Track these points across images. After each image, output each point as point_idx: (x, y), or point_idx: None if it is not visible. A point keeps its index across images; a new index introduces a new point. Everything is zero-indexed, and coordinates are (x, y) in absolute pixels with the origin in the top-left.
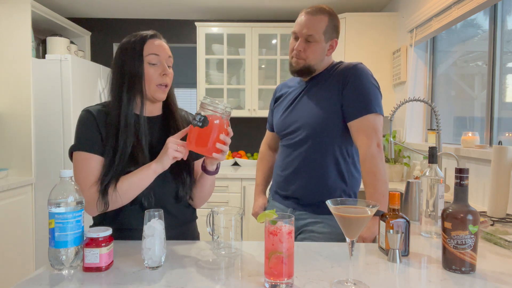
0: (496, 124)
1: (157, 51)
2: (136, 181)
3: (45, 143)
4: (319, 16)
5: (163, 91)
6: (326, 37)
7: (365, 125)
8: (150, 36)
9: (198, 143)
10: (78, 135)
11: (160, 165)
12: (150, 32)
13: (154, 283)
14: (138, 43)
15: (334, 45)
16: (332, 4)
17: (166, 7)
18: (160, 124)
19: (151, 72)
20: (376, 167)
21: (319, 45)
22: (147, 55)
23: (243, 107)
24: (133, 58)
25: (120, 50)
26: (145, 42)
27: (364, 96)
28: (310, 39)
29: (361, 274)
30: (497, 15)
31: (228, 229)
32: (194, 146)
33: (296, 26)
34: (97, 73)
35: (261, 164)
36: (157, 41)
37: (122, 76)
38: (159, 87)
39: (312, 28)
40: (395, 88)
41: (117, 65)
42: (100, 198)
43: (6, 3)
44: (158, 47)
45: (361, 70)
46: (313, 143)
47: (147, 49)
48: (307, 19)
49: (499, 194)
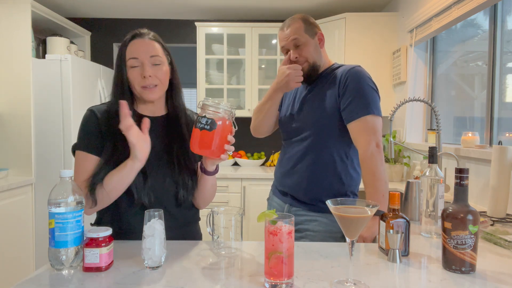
0: (496, 124)
1: (136, 54)
2: (118, 179)
3: (45, 143)
4: (293, 24)
5: (151, 91)
6: (310, 34)
7: (364, 126)
8: (130, 39)
9: (204, 145)
10: (79, 134)
11: (136, 161)
12: (133, 32)
13: (154, 283)
14: (122, 47)
15: (322, 37)
16: (332, 4)
17: (166, 7)
18: (163, 124)
19: (133, 75)
20: (375, 167)
21: (309, 43)
22: (128, 59)
23: (243, 107)
24: (118, 62)
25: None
26: (126, 46)
27: (363, 98)
28: (298, 42)
29: (361, 274)
30: (497, 15)
31: (228, 229)
32: (199, 149)
33: (281, 43)
34: (97, 73)
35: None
36: (138, 42)
37: (116, 78)
38: (144, 88)
39: (293, 34)
40: (395, 88)
41: (114, 67)
42: (89, 195)
43: (6, 3)
44: (138, 49)
45: (359, 73)
46: (311, 143)
47: (127, 53)
48: (285, 31)
49: (499, 194)
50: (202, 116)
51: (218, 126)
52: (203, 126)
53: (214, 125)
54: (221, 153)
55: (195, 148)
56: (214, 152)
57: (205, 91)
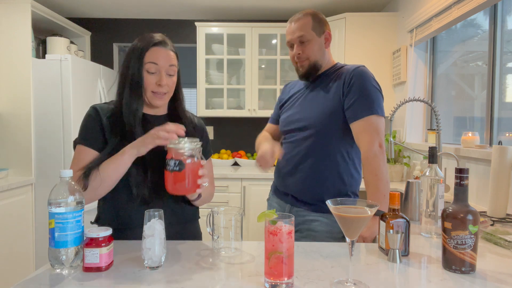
0: (496, 124)
1: (156, 60)
2: (115, 166)
3: (45, 143)
4: (302, 19)
5: (160, 98)
6: (317, 33)
7: (367, 126)
8: (153, 44)
9: (178, 186)
10: (81, 129)
11: (133, 150)
12: (157, 38)
13: (154, 283)
14: (142, 49)
15: (329, 37)
16: (332, 4)
17: (166, 7)
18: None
19: (148, 80)
20: (378, 167)
21: (314, 41)
22: (147, 62)
23: (243, 107)
24: (135, 63)
25: (128, 51)
26: (147, 49)
27: (366, 98)
28: (303, 39)
29: (361, 274)
30: (497, 15)
31: (228, 229)
32: (174, 190)
33: (287, 36)
34: (97, 73)
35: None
36: (160, 50)
37: (126, 78)
38: (155, 94)
39: (300, 30)
40: (395, 88)
41: (123, 65)
42: (82, 178)
43: (6, 3)
44: (159, 56)
45: (363, 72)
46: (312, 142)
47: (147, 56)
48: (293, 26)
49: (499, 194)
50: (170, 159)
51: (187, 165)
52: (173, 168)
53: (183, 165)
54: (196, 189)
55: (170, 190)
56: (188, 190)
57: (205, 91)
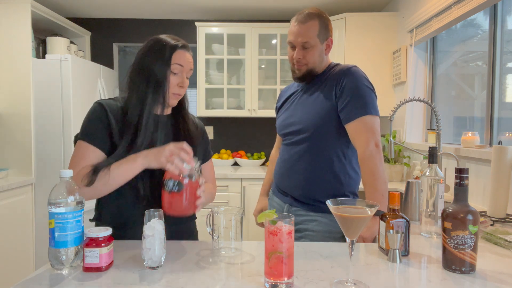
0: (496, 124)
1: (183, 63)
2: (122, 171)
3: (45, 143)
4: (309, 22)
5: (176, 98)
6: (320, 39)
7: (363, 126)
8: (181, 47)
9: (176, 207)
10: (84, 125)
11: (146, 162)
12: (182, 42)
13: (154, 283)
14: (168, 50)
15: (330, 43)
16: (332, 4)
17: (166, 7)
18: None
19: (172, 80)
20: (375, 167)
21: (316, 48)
22: (173, 63)
23: (243, 107)
24: (162, 63)
25: (148, 51)
26: (175, 51)
27: (359, 99)
28: (307, 45)
29: (361, 274)
30: (497, 15)
31: (228, 229)
32: (172, 211)
33: (290, 36)
34: (97, 73)
35: (270, 167)
36: (185, 53)
37: (148, 77)
38: (174, 95)
39: (306, 35)
40: (395, 88)
41: (143, 64)
42: (90, 174)
43: (6, 3)
44: (184, 59)
45: (355, 73)
46: (308, 144)
47: (175, 58)
48: (299, 28)
49: (499, 194)
50: (169, 179)
51: (185, 185)
52: (171, 188)
53: (181, 186)
54: (194, 210)
55: (167, 210)
56: (186, 210)
57: (205, 91)
